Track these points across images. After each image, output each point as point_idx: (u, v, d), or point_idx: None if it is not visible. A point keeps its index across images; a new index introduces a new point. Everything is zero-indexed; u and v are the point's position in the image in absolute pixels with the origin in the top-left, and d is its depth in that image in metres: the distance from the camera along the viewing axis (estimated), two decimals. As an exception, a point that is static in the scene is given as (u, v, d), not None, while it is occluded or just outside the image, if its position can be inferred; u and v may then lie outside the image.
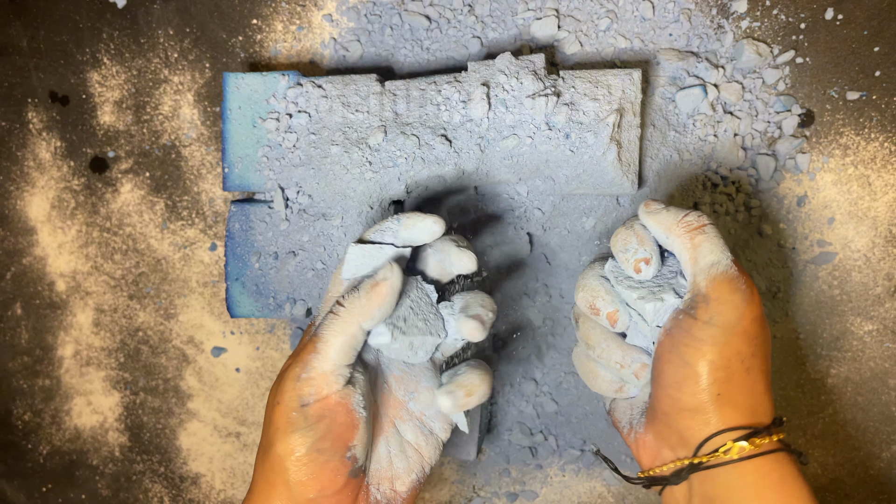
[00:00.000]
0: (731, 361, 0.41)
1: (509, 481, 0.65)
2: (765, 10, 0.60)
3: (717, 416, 0.41)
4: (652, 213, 0.45)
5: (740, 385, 0.41)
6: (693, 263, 0.43)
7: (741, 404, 0.41)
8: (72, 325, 0.70)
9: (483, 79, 0.54)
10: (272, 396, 0.42)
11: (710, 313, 0.41)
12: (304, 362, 0.41)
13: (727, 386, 0.41)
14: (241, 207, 0.59)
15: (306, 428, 0.41)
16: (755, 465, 0.40)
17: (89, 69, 0.68)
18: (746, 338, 0.41)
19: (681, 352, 0.41)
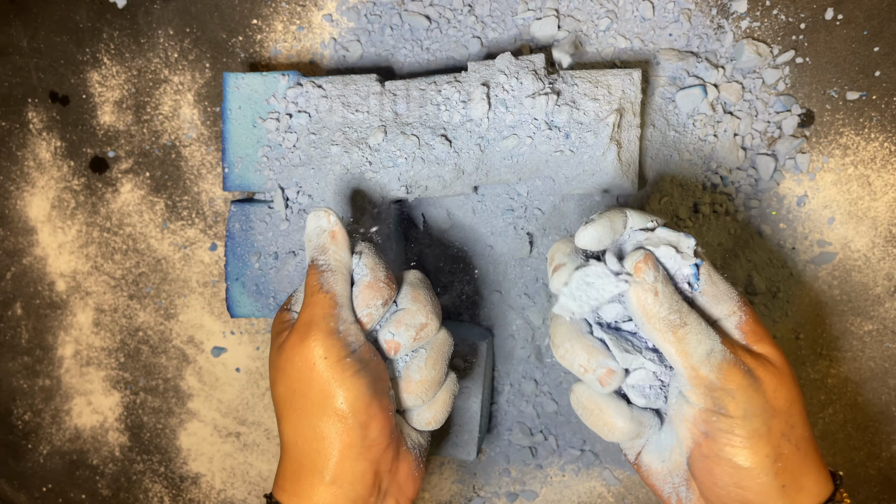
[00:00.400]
0: (781, 446, 0.40)
1: (509, 481, 0.65)
2: (765, 10, 0.60)
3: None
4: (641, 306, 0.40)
5: (798, 465, 0.40)
6: (685, 357, 0.40)
7: (806, 485, 0.40)
8: (72, 325, 0.70)
9: (483, 79, 0.54)
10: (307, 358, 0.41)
11: (741, 406, 0.39)
12: (334, 315, 0.42)
13: (787, 474, 0.40)
14: (241, 207, 0.59)
15: (364, 370, 0.42)
16: None
17: (89, 69, 0.68)
18: (779, 416, 0.40)
19: (729, 454, 0.40)
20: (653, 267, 0.40)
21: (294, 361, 0.42)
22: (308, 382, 0.42)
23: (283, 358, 0.43)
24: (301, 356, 0.42)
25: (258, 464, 0.69)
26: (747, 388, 0.39)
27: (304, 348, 0.42)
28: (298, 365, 0.42)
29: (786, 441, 0.40)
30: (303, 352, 0.42)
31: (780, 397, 0.40)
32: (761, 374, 0.40)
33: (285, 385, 0.43)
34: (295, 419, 0.43)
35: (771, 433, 0.39)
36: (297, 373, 0.42)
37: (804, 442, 0.40)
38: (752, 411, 0.39)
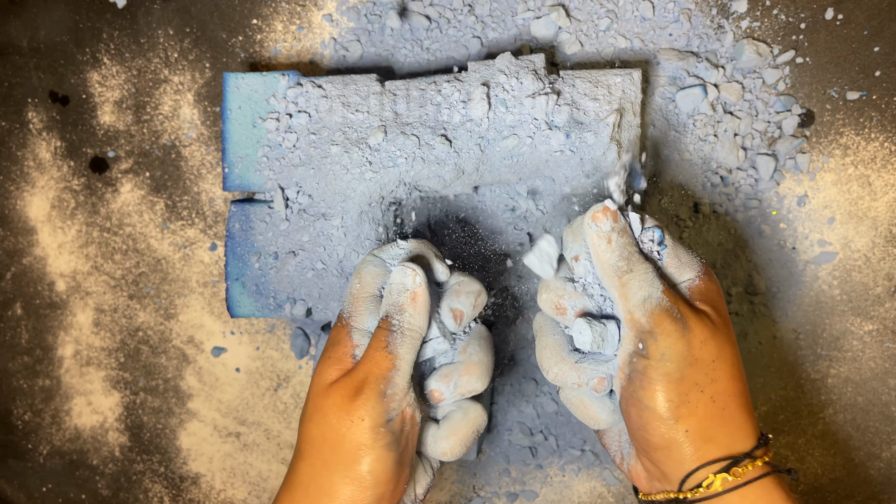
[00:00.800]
0: (691, 394, 0.40)
1: (509, 481, 0.65)
2: (765, 10, 0.60)
3: (692, 451, 0.41)
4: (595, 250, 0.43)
5: (708, 416, 0.41)
6: (624, 301, 0.42)
7: (715, 435, 0.41)
8: (72, 325, 0.70)
9: (483, 79, 0.54)
10: (347, 413, 0.42)
11: (660, 349, 0.40)
12: (387, 379, 0.43)
13: (694, 420, 0.40)
14: (241, 207, 0.59)
15: (394, 442, 0.43)
16: (740, 495, 0.40)
17: (89, 69, 0.68)
18: (699, 366, 0.40)
19: (639, 396, 0.41)
20: (611, 217, 0.42)
21: (337, 413, 0.43)
22: (342, 439, 0.42)
23: (328, 402, 0.43)
24: (345, 410, 0.42)
25: (258, 464, 0.69)
26: (671, 334, 0.40)
27: (350, 404, 0.42)
28: (340, 417, 0.42)
29: (697, 390, 0.40)
30: (349, 407, 0.42)
31: (706, 350, 0.40)
32: (693, 324, 0.41)
33: (320, 429, 0.43)
34: (318, 465, 0.43)
35: (683, 380, 0.40)
36: (336, 423, 0.43)
37: (725, 397, 0.41)
38: (668, 355, 0.40)
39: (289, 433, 0.68)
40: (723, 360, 0.41)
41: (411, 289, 0.43)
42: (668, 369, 0.40)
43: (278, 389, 0.68)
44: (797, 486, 0.62)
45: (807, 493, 0.62)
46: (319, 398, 0.44)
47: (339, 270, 0.57)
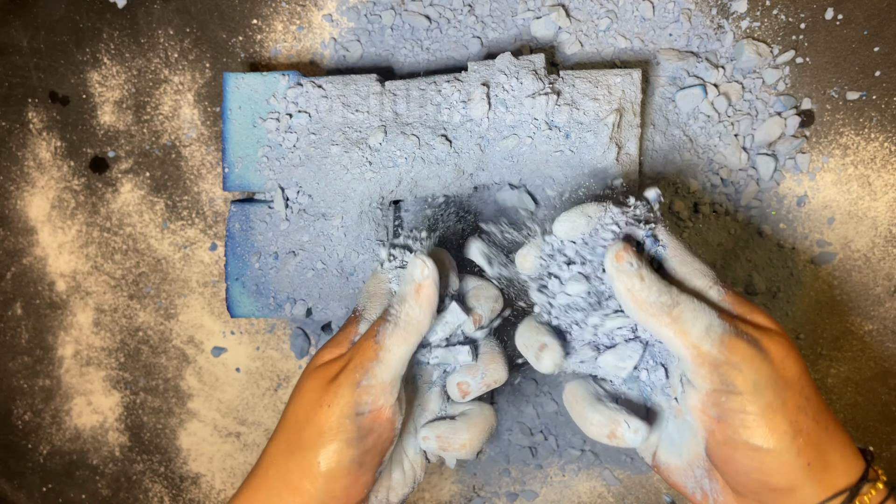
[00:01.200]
0: (799, 420, 0.36)
1: (509, 481, 0.65)
2: (765, 10, 0.60)
3: (818, 486, 0.36)
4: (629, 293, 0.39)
5: (820, 441, 0.37)
6: (684, 336, 0.38)
7: (833, 462, 0.37)
8: (72, 325, 0.70)
9: (483, 79, 0.54)
10: (319, 396, 0.41)
11: (750, 380, 0.36)
12: (365, 369, 0.41)
13: (811, 450, 0.36)
14: (241, 207, 0.59)
15: (357, 439, 0.40)
16: None
17: (89, 69, 0.68)
18: (794, 386, 0.36)
19: (745, 437, 0.36)
20: (633, 254, 0.39)
21: (310, 394, 0.41)
22: (308, 422, 0.41)
23: (308, 383, 0.42)
24: (318, 393, 0.41)
25: (258, 464, 0.69)
26: (754, 359, 0.36)
27: (325, 388, 0.41)
28: (312, 399, 0.41)
29: (803, 414, 0.36)
30: (323, 390, 0.41)
31: (789, 367, 0.37)
32: (766, 343, 0.37)
33: (293, 409, 0.42)
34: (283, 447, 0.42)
35: (786, 406, 0.36)
36: (308, 405, 0.41)
37: (823, 415, 0.37)
38: (762, 384, 0.36)
39: (289, 433, 0.68)
40: (805, 374, 0.38)
41: (417, 280, 0.42)
42: (768, 399, 0.36)
43: (278, 389, 0.68)
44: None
45: (807, 493, 0.62)
46: (304, 378, 0.43)
47: (339, 270, 0.57)
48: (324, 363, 0.43)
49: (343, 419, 0.40)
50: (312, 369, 0.43)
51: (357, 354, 0.42)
